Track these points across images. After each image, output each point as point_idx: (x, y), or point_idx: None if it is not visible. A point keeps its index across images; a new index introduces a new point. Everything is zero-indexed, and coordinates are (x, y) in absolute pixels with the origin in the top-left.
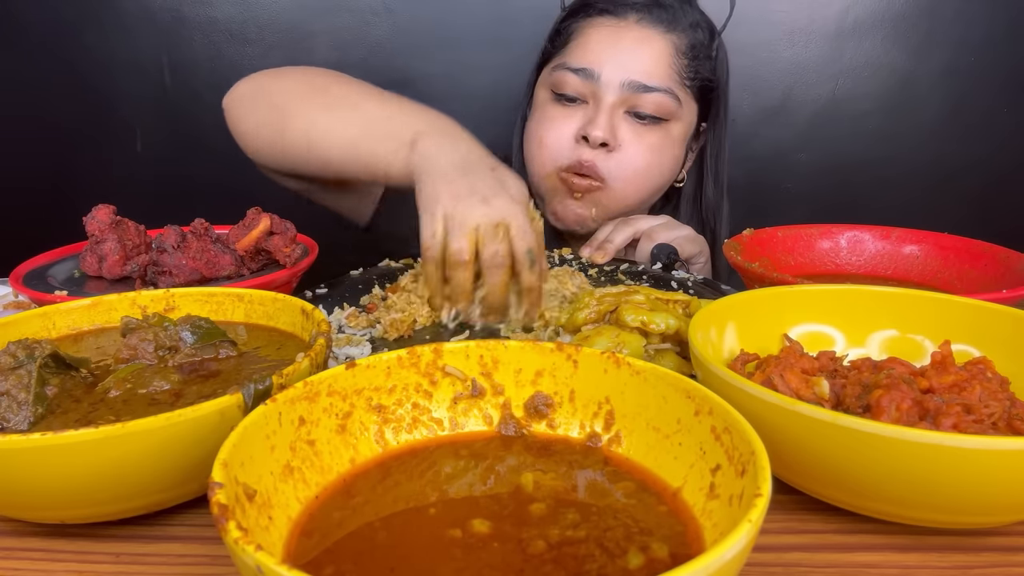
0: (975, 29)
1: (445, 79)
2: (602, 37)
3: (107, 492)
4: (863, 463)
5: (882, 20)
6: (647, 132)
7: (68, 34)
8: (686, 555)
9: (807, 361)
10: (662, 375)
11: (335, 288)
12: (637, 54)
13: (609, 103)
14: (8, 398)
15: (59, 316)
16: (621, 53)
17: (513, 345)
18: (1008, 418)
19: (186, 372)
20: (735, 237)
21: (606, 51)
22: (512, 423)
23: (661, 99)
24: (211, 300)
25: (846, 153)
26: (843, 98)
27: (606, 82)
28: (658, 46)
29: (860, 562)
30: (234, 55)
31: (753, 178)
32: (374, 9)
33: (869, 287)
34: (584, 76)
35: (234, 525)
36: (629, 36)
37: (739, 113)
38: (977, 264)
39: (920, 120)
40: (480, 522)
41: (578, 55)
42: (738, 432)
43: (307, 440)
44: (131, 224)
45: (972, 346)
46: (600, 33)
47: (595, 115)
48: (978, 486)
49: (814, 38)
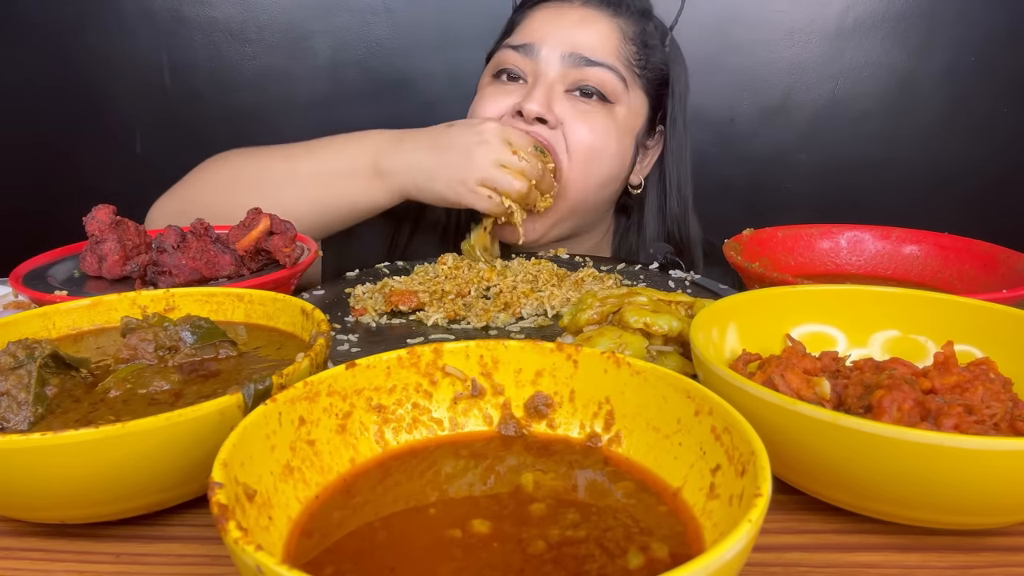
0: (975, 29)
1: (445, 79)
2: (545, 16)
3: (107, 492)
4: (864, 463)
5: (882, 20)
6: (591, 111)
7: (68, 34)
8: (686, 555)
9: (809, 361)
10: (662, 375)
11: (331, 289)
12: (581, 30)
13: (549, 79)
14: (8, 398)
15: (59, 316)
16: (562, 29)
17: (513, 345)
18: (1010, 419)
19: (186, 372)
20: (735, 237)
21: (548, 27)
22: (512, 423)
23: (605, 75)
24: (211, 300)
25: (846, 153)
26: (843, 98)
27: (546, 57)
28: (603, 26)
29: (860, 562)
30: (234, 55)
31: (753, 178)
32: (374, 9)
33: (871, 287)
34: (524, 52)
35: (234, 525)
36: (572, 15)
37: (739, 113)
38: (977, 264)
39: (920, 120)
40: (480, 522)
41: (520, 34)
42: (738, 432)
43: (307, 440)
44: (131, 224)
45: (974, 346)
46: (544, 14)
47: (531, 89)
48: (979, 487)
49: (814, 38)
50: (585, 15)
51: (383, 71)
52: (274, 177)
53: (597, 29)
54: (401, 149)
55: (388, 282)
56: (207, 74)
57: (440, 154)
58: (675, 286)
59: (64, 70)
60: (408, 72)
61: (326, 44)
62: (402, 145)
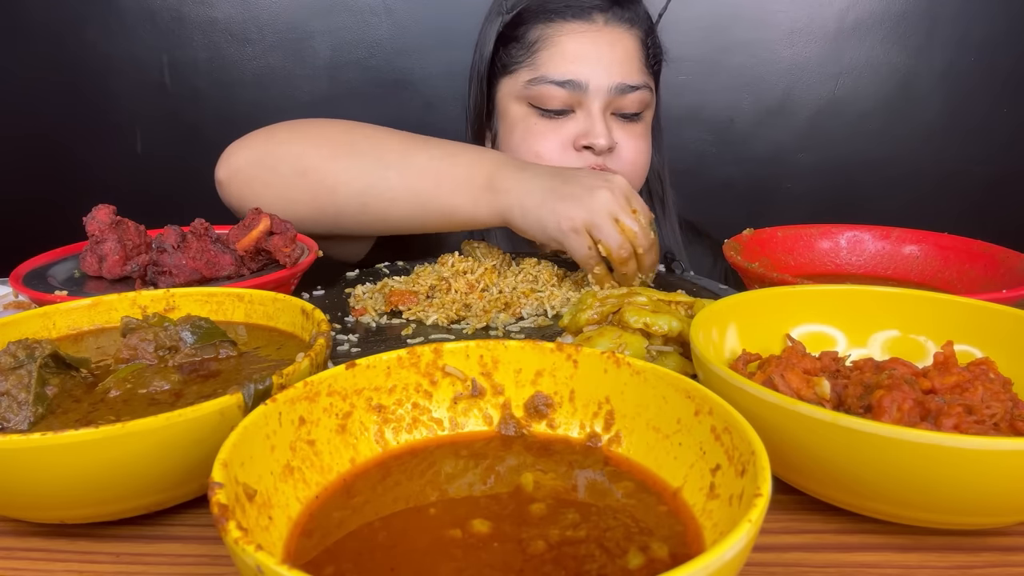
0: (975, 29)
1: (445, 79)
2: (580, 45)
3: (107, 492)
4: (864, 463)
5: (882, 20)
6: (632, 126)
7: (69, 34)
8: (686, 555)
9: (809, 361)
10: (662, 375)
11: (331, 289)
12: (616, 56)
13: (598, 109)
14: (8, 398)
15: (59, 316)
16: (603, 59)
17: (513, 345)
18: (1010, 419)
19: (186, 372)
20: (735, 237)
21: (589, 59)
22: (512, 423)
23: (642, 96)
24: (211, 300)
25: (846, 153)
26: (843, 98)
27: (595, 90)
28: (630, 44)
29: (860, 562)
30: (234, 55)
31: (753, 178)
32: (374, 9)
33: (871, 287)
34: (571, 88)
35: (234, 525)
36: (604, 40)
37: (739, 113)
38: (977, 264)
39: (920, 120)
40: (480, 522)
41: (557, 66)
42: (738, 432)
43: (307, 440)
44: (131, 224)
45: (974, 347)
46: (575, 41)
47: (591, 124)
48: (979, 487)
49: (814, 38)
50: (614, 37)
51: (383, 71)
52: (386, 153)
53: (625, 49)
54: (523, 171)
55: (388, 282)
56: (207, 74)
57: (561, 184)
58: (675, 285)
59: (64, 70)
60: (408, 72)
61: (326, 44)
62: (524, 169)
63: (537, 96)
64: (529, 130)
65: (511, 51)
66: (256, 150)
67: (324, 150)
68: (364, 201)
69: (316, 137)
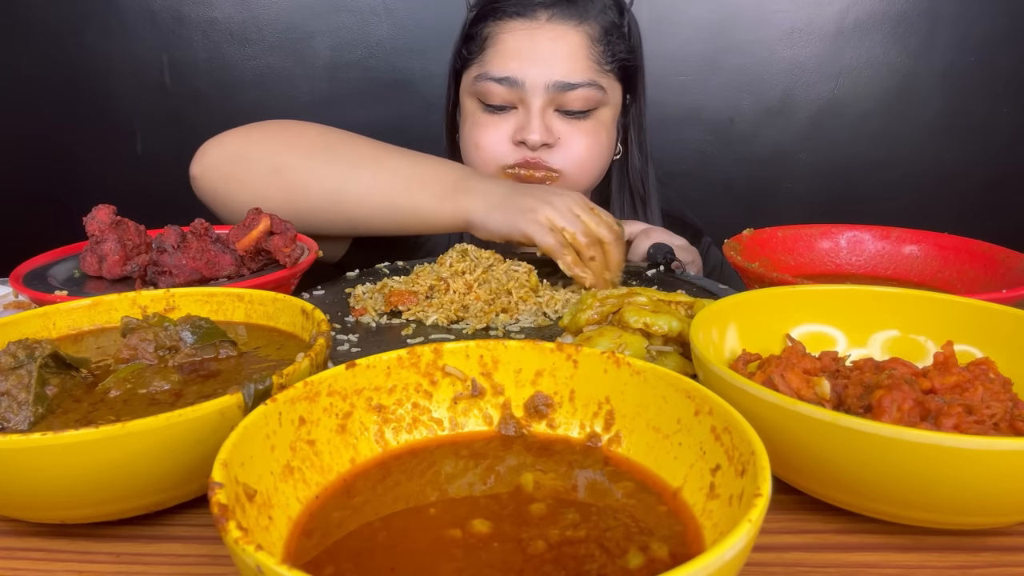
0: (975, 29)
1: (445, 79)
2: (518, 42)
3: (107, 492)
4: (863, 463)
5: (882, 20)
6: (580, 123)
7: (68, 34)
8: (686, 555)
9: (809, 361)
10: (662, 375)
11: (331, 289)
12: (555, 54)
13: (537, 106)
14: (8, 398)
15: (59, 316)
16: (539, 55)
17: (513, 345)
18: (1010, 419)
19: (186, 372)
20: (735, 237)
21: (525, 56)
22: (512, 423)
23: (586, 93)
24: (211, 300)
25: (846, 153)
26: (843, 98)
27: (531, 87)
28: (574, 41)
29: (860, 562)
30: (234, 55)
31: (753, 178)
32: (374, 9)
33: (871, 287)
34: (508, 84)
35: (234, 525)
36: (544, 37)
37: (739, 113)
38: (977, 264)
39: (920, 120)
40: (480, 522)
41: (498, 63)
42: (738, 432)
43: (307, 440)
44: (131, 224)
45: (974, 347)
46: (515, 38)
47: (527, 120)
48: (979, 487)
49: (814, 38)
50: (555, 34)
51: (383, 71)
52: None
53: (568, 45)
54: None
55: (388, 282)
56: (207, 74)
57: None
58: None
59: (64, 70)
60: (408, 72)
61: (326, 44)
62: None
63: (482, 92)
64: (476, 123)
65: (470, 47)
66: (230, 147)
67: (298, 149)
68: (335, 200)
69: (291, 137)
